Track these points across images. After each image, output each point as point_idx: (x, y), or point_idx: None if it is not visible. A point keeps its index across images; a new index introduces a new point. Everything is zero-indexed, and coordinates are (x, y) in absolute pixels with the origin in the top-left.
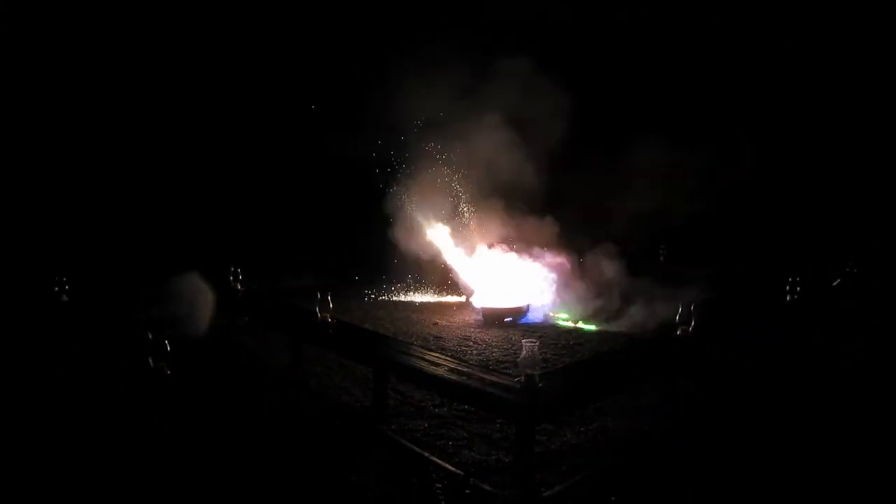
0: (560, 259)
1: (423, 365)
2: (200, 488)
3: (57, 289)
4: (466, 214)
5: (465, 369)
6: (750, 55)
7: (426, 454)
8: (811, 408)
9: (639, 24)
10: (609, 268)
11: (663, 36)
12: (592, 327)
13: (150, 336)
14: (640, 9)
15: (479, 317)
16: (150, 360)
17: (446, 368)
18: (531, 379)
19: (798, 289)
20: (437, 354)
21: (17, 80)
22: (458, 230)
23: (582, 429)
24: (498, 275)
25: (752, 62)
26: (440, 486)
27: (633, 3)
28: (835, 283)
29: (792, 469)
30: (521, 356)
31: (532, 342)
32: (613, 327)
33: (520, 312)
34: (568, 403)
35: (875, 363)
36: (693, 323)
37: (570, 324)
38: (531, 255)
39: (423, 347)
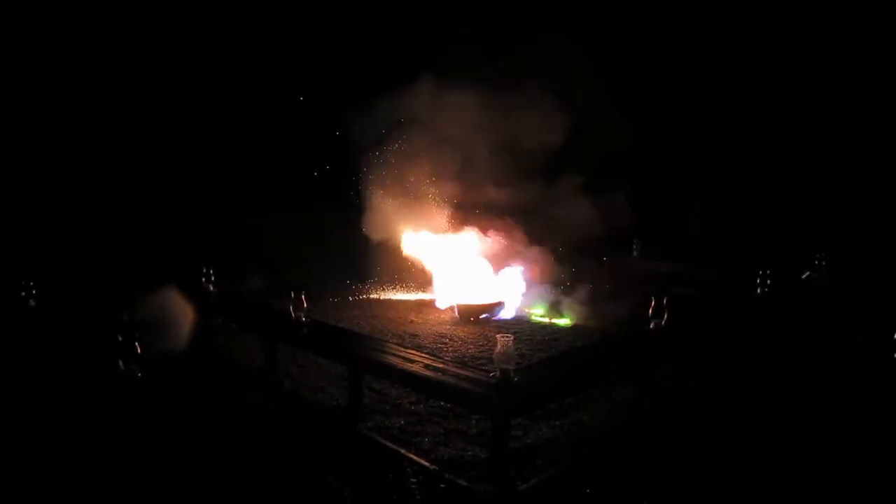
0: (533, 254)
1: (398, 362)
2: (170, 491)
3: (24, 293)
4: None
5: (441, 365)
6: (743, 55)
7: (402, 451)
8: (800, 403)
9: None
10: (582, 263)
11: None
12: (567, 322)
13: (120, 338)
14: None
15: (455, 314)
16: (121, 363)
17: (421, 365)
18: (506, 374)
19: (768, 282)
20: (412, 351)
21: None
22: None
23: (557, 423)
24: (471, 272)
25: (740, 62)
26: (416, 481)
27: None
28: (804, 277)
29: (773, 464)
30: (496, 351)
31: (507, 337)
32: (588, 322)
33: (494, 309)
34: (543, 397)
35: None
36: (666, 316)
37: (544, 319)
38: (504, 251)
39: (398, 345)
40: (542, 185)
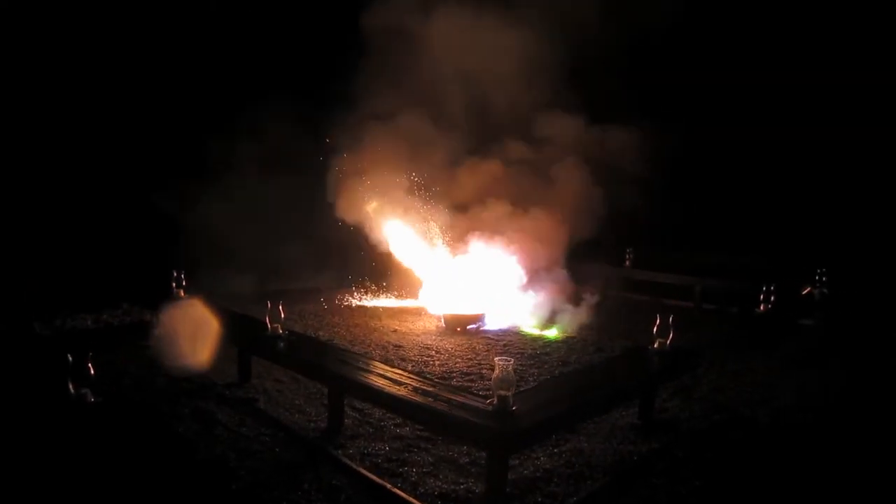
0: (526, 263)
1: (384, 384)
2: None
3: None
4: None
5: (431, 388)
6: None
7: (388, 486)
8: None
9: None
10: (575, 273)
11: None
12: (557, 335)
13: (71, 358)
14: None
15: (441, 323)
16: (71, 387)
17: (409, 388)
18: (504, 401)
19: (772, 298)
20: (398, 371)
21: None
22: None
23: (556, 450)
24: (461, 278)
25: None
26: None
27: None
28: (804, 293)
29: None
30: (494, 375)
31: (506, 361)
32: (580, 334)
33: (482, 319)
34: (546, 428)
35: None
36: (671, 335)
37: (535, 331)
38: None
39: (383, 362)
40: None
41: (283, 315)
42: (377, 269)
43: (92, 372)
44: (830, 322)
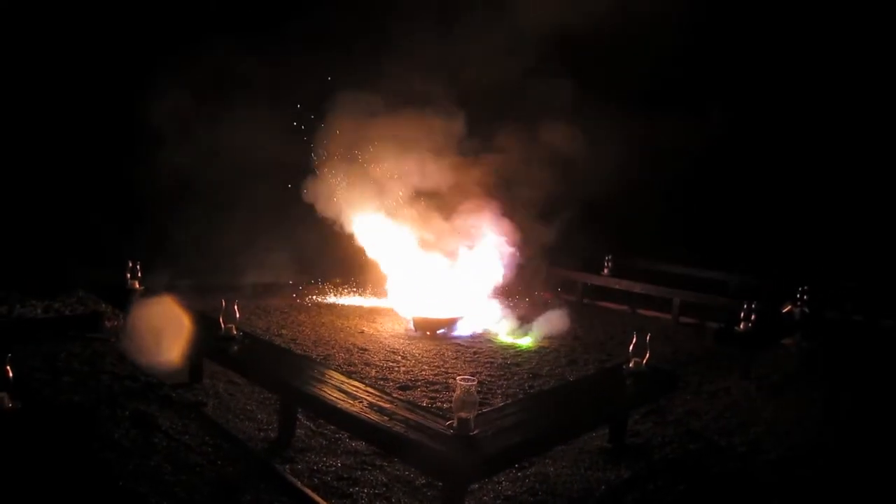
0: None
1: (338, 398)
2: None
3: None
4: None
5: (388, 405)
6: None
7: None
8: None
9: None
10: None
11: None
12: (530, 344)
13: None
14: None
15: (410, 326)
16: None
17: (365, 403)
18: (464, 424)
19: (752, 317)
20: (355, 384)
21: None
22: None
23: (519, 474)
24: (432, 281)
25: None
26: None
27: None
28: (785, 311)
29: None
30: (455, 395)
31: (468, 380)
32: (553, 344)
33: (453, 324)
34: (509, 458)
35: None
36: (647, 355)
37: (507, 339)
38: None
39: (345, 366)
40: None
41: (237, 315)
42: (350, 265)
43: (10, 374)
44: (810, 342)
